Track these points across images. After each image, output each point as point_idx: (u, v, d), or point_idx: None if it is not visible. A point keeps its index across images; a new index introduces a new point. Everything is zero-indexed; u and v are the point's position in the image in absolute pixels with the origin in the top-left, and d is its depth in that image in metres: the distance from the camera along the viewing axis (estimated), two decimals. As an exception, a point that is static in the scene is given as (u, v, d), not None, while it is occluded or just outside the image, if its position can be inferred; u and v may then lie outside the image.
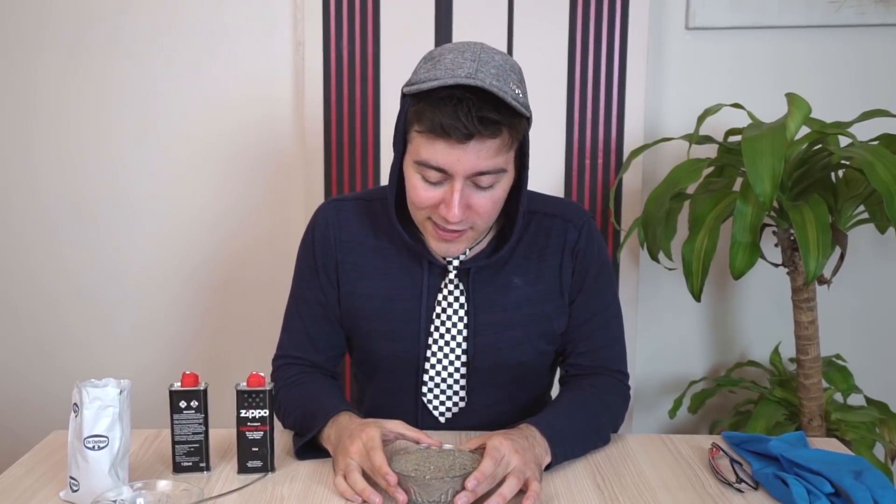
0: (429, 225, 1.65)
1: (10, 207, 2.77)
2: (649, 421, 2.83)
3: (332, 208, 1.82)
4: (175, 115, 2.69)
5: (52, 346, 2.84)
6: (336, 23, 2.55)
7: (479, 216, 1.61)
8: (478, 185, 1.57)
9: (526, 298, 1.76)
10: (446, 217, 1.57)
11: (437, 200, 1.58)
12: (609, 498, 1.47)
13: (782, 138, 2.00)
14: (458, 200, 1.55)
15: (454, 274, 1.74)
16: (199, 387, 1.53)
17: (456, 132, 1.49)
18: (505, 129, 1.53)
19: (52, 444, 1.68)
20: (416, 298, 1.75)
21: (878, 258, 2.70)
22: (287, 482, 1.52)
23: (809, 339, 2.31)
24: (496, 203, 1.62)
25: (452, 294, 1.74)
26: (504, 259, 1.74)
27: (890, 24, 2.55)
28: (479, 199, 1.58)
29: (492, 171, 1.55)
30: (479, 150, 1.52)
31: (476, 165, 1.53)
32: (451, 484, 1.39)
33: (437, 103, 1.50)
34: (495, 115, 1.50)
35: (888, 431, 2.43)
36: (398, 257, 1.77)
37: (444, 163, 1.53)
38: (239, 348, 2.80)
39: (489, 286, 1.75)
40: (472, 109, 1.48)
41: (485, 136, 1.51)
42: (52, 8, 2.65)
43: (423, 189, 1.59)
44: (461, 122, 1.48)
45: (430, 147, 1.54)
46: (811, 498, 1.40)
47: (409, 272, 1.76)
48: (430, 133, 1.52)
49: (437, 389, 1.78)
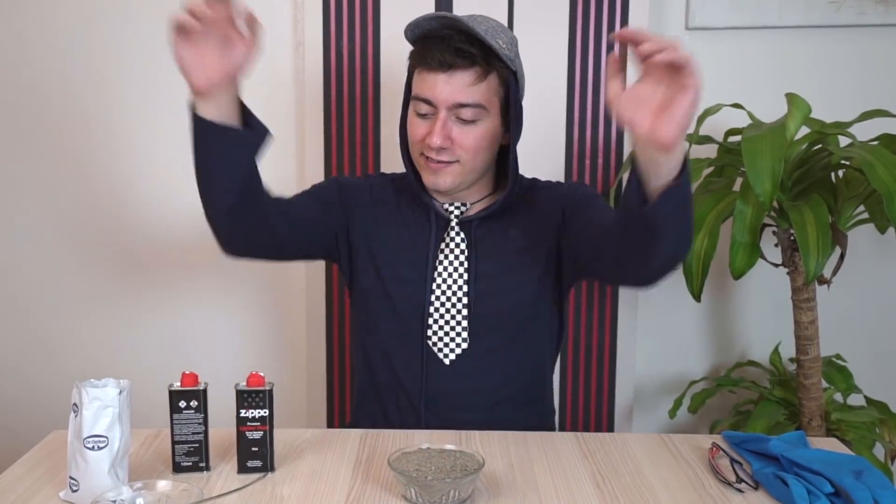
0: (422, 160, 1.86)
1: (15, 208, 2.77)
2: (649, 420, 2.83)
3: (375, 176, 2.09)
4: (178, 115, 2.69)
5: (53, 346, 2.83)
6: (336, 23, 2.55)
7: (462, 149, 1.81)
8: (460, 119, 1.80)
9: (521, 246, 1.92)
10: (430, 143, 1.79)
11: (426, 133, 1.81)
12: (609, 497, 1.47)
13: (782, 138, 2.00)
14: (439, 128, 1.78)
15: (456, 223, 1.92)
16: (199, 387, 1.53)
17: (435, 61, 1.75)
18: (480, 62, 1.76)
19: (52, 443, 1.68)
20: (424, 247, 1.92)
21: (878, 258, 2.69)
22: (287, 482, 1.52)
23: (809, 339, 2.31)
24: (479, 140, 1.82)
25: (455, 242, 1.91)
26: (501, 210, 1.91)
27: (890, 25, 2.55)
28: (461, 132, 1.80)
29: (471, 105, 1.78)
30: (457, 81, 1.76)
31: (455, 96, 1.77)
32: (453, 485, 1.39)
33: (427, 41, 1.79)
34: (471, 49, 1.74)
35: (888, 431, 2.43)
36: (411, 213, 1.96)
37: (430, 93, 1.78)
38: (238, 348, 2.80)
39: (488, 238, 1.92)
40: (452, 43, 1.74)
41: (460, 67, 1.75)
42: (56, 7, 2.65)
43: (416, 124, 1.84)
44: (441, 53, 1.75)
45: (419, 80, 1.81)
46: (811, 498, 1.40)
47: (420, 225, 1.94)
48: (419, 66, 1.82)
49: (441, 332, 1.90)
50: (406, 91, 1.88)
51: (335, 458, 1.63)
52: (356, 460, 1.62)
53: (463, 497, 1.43)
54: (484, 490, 1.49)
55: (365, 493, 1.47)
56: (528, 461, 1.62)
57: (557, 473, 1.57)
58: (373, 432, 1.76)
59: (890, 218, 1.93)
